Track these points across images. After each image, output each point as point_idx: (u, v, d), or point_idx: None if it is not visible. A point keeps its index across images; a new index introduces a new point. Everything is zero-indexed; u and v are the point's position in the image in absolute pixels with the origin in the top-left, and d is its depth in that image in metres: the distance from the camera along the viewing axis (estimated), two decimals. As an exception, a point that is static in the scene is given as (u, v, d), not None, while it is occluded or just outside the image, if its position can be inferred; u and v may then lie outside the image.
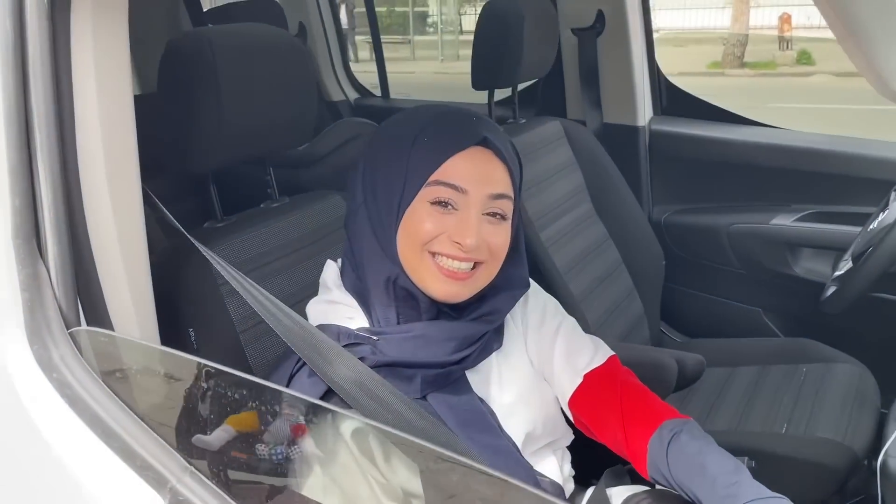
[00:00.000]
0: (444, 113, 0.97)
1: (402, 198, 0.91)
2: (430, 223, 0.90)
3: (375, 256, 0.94)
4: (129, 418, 0.68)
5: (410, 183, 0.91)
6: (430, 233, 0.90)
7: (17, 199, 0.68)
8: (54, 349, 0.69)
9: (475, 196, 0.91)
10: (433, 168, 0.91)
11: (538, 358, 1.06)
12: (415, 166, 0.91)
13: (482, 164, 0.92)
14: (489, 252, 0.93)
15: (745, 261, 2.05)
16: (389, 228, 0.93)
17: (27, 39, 0.67)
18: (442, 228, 0.90)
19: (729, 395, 1.74)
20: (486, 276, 0.95)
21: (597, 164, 1.98)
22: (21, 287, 0.69)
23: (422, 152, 0.91)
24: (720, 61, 12.22)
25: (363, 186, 0.96)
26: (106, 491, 0.67)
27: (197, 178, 1.18)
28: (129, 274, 0.78)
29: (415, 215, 0.91)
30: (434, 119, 0.95)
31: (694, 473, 0.89)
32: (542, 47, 1.82)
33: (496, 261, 0.95)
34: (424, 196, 0.91)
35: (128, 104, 0.77)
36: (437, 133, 0.93)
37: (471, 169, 0.91)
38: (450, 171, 0.90)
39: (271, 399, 0.69)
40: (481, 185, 0.91)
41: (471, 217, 0.90)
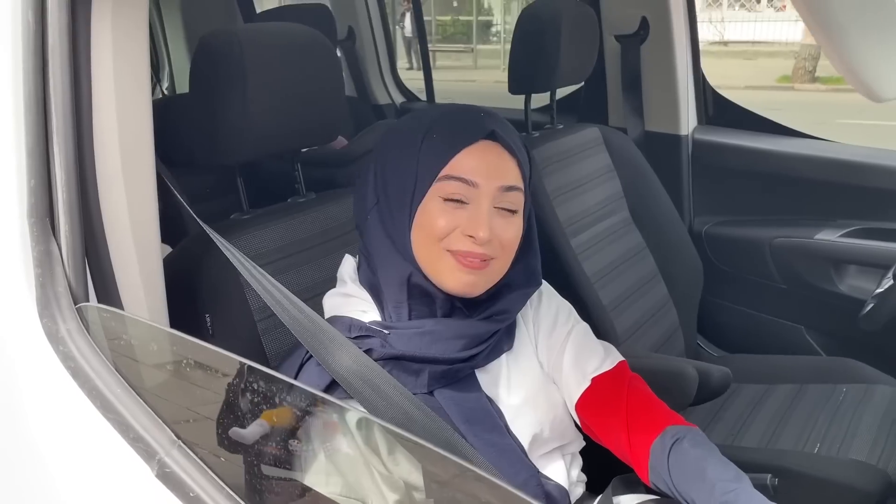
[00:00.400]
0: (451, 110, 0.98)
1: (414, 196, 0.93)
2: (443, 219, 0.91)
3: (390, 256, 0.96)
4: (126, 393, 0.70)
5: (421, 180, 0.92)
6: (444, 228, 0.91)
7: (33, 179, 0.72)
8: (62, 323, 0.73)
9: (486, 189, 0.92)
10: (443, 163, 0.92)
11: (548, 361, 1.05)
12: (425, 163, 0.92)
13: (491, 158, 0.93)
14: (500, 247, 0.94)
15: (788, 276, 1.99)
16: (403, 227, 0.94)
17: (48, 26, 0.71)
18: (455, 223, 0.91)
19: (762, 412, 1.69)
20: (499, 269, 0.96)
21: (636, 172, 1.96)
22: (34, 263, 0.73)
23: (431, 149, 0.93)
24: (790, 75, 11.89)
25: (375, 188, 0.97)
26: (100, 458, 0.70)
27: (228, 172, 1.23)
28: (140, 256, 0.81)
29: (427, 212, 0.92)
30: (441, 117, 0.97)
31: (693, 479, 0.87)
32: (581, 53, 1.81)
33: (508, 254, 0.96)
34: (436, 192, 0.92)
35: (144, 90, 0.80)
36: (444, 129, 0.94)
37: (480, 162, 0.92)
38: (459, 166, 0.91)
39: (272, 386, 0.70)
40: (491, 178, 0.92)
41: (482, 210, 0.91)
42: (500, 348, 1.01)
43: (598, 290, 1.74)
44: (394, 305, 0.97)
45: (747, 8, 15.61)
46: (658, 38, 2.06)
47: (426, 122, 0.95)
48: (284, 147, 1.22)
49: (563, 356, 1.04)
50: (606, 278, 1.80)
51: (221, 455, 0.69)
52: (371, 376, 0.88)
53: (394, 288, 0.96)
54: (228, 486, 0.66)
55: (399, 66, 3.20)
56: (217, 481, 0.66)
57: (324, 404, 0.70)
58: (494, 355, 1.01)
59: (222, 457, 0.69)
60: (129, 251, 0.80)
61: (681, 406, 1.39)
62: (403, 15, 12.05)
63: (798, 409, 1.68)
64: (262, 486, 0.70)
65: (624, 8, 2.10)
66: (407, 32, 11.86)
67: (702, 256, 2.01)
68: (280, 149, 1.21)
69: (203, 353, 0.71)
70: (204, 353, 0.71)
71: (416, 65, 11.09)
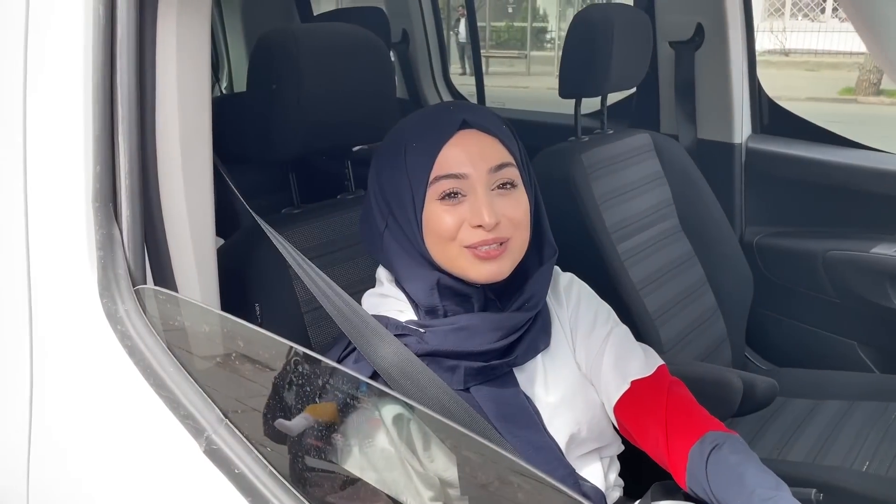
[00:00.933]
0: (422, 115, 1.01)
1: (415, 206, 0.95)
2: (448, 217, 0.93)
3: (414, 269, 0.98)
4: (178, 371, 0.73)
5: (416, 188, 0.95)
6: (451, 225, 0.93)
7: (99, 165, 0.76)
8: (120, 304, 0.76)
9: (476, 176, 0.93)
10: (429, 167, 0.94)
11: (586, 362, 1.06)
12: (413, 172, 0.95)
13: (471, 145, 0.95)
14: (512, 225, 0.95)
15: (841, 290, 1.94)
16: (417, 238, 0.97)
17: (117, 21, 0.74)
18: (460, 218, 0.93)
19: (810, 427, 1.65)
20: (518, 247, 0.97)
21: (686, 180, 1.94)
22: (97, 246, 0.77)
23: (414, 157, 0.95)
24: (854, 87, 11.56)
25: (380, 212, 1.00)
26: (151, 433, 0.73)
27: (281, 169, 1.26)
28: (195, 242, 0.84)
29: (432, 216, 0.95)
30: (415, 124, 1.00)
31: (731, 485, 0.87)
32: (633, 59, 1.80)
33: (523, 231, 0.97)
34: (432, 195, 0.94)
35: (205, 85, 0.83)
36: (420, 134, 0.96)
37: (462, 153, 0.94)
38: (444, 163, 0.94)
39: (318, 373, 0.73)
40: (477, 164, 0.94)
41: (480, 196, 0.93)
42: (537, 346, 1.02)
43: (644, 297, 1.73)
44: (427, 311, 0.99)
45: (810, 18, 15.23)
46: (713, 45, 2.04)
47: (403, 135, 0.98)
48: (335, 144, 1.25)
49: (603, 358, 1.04)
50: (653, 285, 1.79)
51: (266, 434, 0.71)
52: (410, 370, 0.90)
53: (425, 295, 0.98)
54: (272, 464, 0.68)
55: (452, 70, 3.23)
56: (261, 459, 0.68)
57: (367, 392, 0.72)
58: (532, 353, 1.01)
59: (267, 436, 0.71)
60: (184, 237, 0.83)
61: (724, 416, 1.37)
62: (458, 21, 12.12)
63: (847, 425, 1.63)
64: (303, 468, 0.72)
65: (679, 14, 2.08)
66: (461, 38, 11.92)
67: (752, 267, 1.98)
68: (331, 146, 1.24)
69: (252, 336, 0.74)
70: (253, 336, 0.74)
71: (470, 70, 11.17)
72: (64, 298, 0.80)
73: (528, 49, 15.61)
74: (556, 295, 1.08)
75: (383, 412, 0.77)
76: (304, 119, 1.13)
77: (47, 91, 0.79)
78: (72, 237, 0.78)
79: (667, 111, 2.20)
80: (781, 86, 8.69)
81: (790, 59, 13.97)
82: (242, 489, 0.67)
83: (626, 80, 1.84)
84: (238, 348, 0.77)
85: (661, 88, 2.19)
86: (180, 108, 0.81)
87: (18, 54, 0.81)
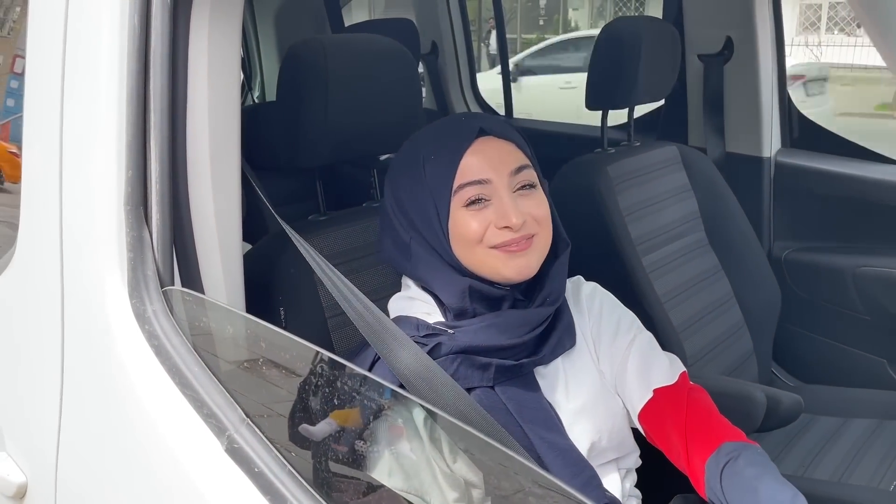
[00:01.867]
0: (435, 129, 1.03)
1: (440, 216, 0.97)
2: (474, 222, 0.95)
3: (445, 277, 1.00)
4: (203, 371, 0.75)
5: (439, 201, 0.97)
6: (478, 230, 0.95)
7: (131, 170, 0.78)
8: (149, 304, 0.79)
9: (498, 180, 0.96)
10: (451, 177, 0.96)
11: (611, 370, 1.06)
12: (435, 185, 0.97)
13: (490, 151, 0.97)
14: (536, 223, 0.97)
15: (872, 306, 1.91)
16: (445, 247, 0.98)
17: (151, 32, 0.77)
18: (486, 222, 0.95)
19: (837, 445, 1.63)
20: (544, 243, 1.00)
21: (714, 193, 1.93)
22: (127, 248, 0.79)
23: (434, 170, 0.97)
24: (890, 103, 11.36)
25: (402, 226, 1.01)
26: (175, 430, 0.75)
27: (309, 177, 1.28)
28: (222, 245, 0.86)
29: (458, 224, 0.96)
30: (430, 138, 1.02)
31: (747, 497, 0.86)
32: (661, 71, 1.80)
33: (546, 228, 1.00)
34: (457, 203, 0.96)
35: (234, 94, 0.86)
36: (438, 146, 0.99)
37: (483, 159, 0.96)
38: (466, 171, 0.96)
39: (341, 377, 0.74)
40: (498, 168, 0.96)
41: (504, 199, 0.95)
42: (563, 344, 1.03)
43: (669, 309, 1.72)
44: (456, 313, 1.00)
45: (846, 32, 15.02)
46: (743, 59, 2.03)
47: (419, 150, 1.00)
48: (361, 152, 1.27)
49: (627, 365, 1.04)
50: (678, 299, 1.78)
51: (287, 436, 0.73)
52: (429, 375, 0.91)
53: (456, 300, 0.99)
54: (292, 464, 0.69)
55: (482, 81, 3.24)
56: (281, 459, 0.69)
57: (393, 399, 0.73)
58: (559, 350, 1.02)
59: (288, 438, 0.72)
60: (212, 241, 0.85)
61: (748, 431, 1.35)
62: (489, 33, 12.16)
63: (876, 445, 1.61)
64: (323, 469, 0.74)
65: (708, 27, 2.08)
66: (492, 50, 11.96)
67: (780, 282, 1.95)
68: (357, 154, 1.27)
69: (276, 338, 0.76)
70: (277, 338, 0.76)
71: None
72: (94, 298, 0.83)
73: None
74: (578, 304, 1.09)
75: (413, 412, 0.78)
76: (332, 128, 1.16)
77: (83, 98, 0.82)
78: (103, 239, 0.81)
79: (695, 124, 2.19)
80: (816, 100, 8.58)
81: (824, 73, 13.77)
82: (262, 488, 0.68)
83: (653, 93, 1.84)
84: (262, 350, 0.78)
85: (690, 101, 2.18)
86: (210, 116, 0.83)
87: (56, 63, 0.84)
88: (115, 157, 0.79)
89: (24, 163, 0.92)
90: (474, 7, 11.17)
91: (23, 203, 0.93)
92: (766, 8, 2.02)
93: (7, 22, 1.20)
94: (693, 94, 2.17)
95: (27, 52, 0.90)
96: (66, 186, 0.85)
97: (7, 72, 1.13)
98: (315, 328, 1.14)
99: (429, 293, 1.03)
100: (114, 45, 0.78)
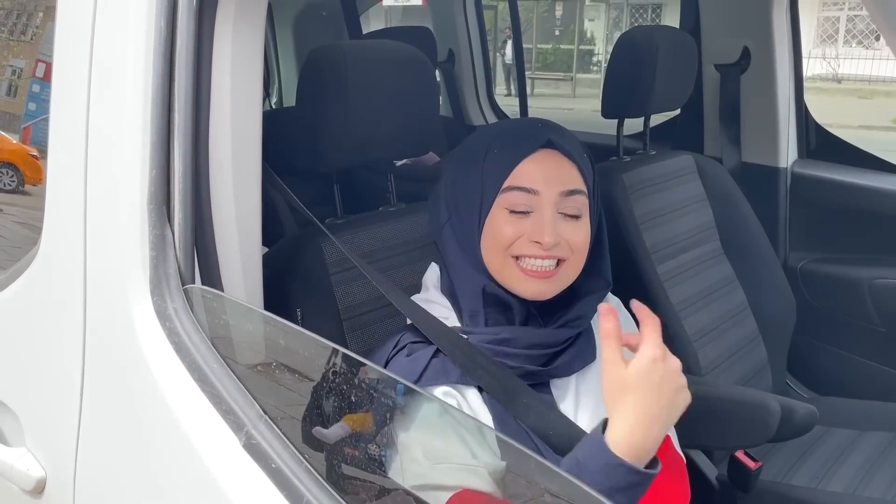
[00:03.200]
0: (510, 124, 1.04)
1: (482, 208, 0.97)
2: (510, 227, 0.95)
3: (464, 268, 1.00)
4: (222, 368, 0.76)
5: (487, 193, 0.97)
6: (510, 237, 0.95)
7: (155, 169, 0.80)
8: (170, 302, 0.80)
9: (547, 196, 0.95)
10: (505, 175, 0.96)
11: None
12: (488, 177, 0.97)
13: (550, 165, 0.96)
14: (569, 249, 0.96)
15: (888, 318, 1.90)
16: (474, 239, 0.99)
17: (177, 34, 0.79)
18: (520, 231, 0.95)
19: (851, 458, 1.62)
20: (571, 272, 0.98)
21: (729, 203, 1.92)
22: (149, 246, 0.81)
23: (493, 163, 0.97)
24: (909, 116, 11.30)
25: (446, 204, 1.02)
26: (194, 426, 0.76)
27: (326, 182, 1.30)
28: (242, 244, 0.87)
29: (494, 223, 0.96)
30: (501, 131, 1.02)
31: None
32: (677, 80, 1.81)
33: (579, 257, 0.98)
34: (501, 203, 0.96)
35: (257, 96, 0.87)
36: (504, 143, 0.98)
37: (539, 171, 0.96)
38: (520, 176, 0.96)
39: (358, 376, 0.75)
40: (551, 184, 0.95)
41: (545, 216, 0.95)
42: (585, 357, 1.02)
43: (683, 319, 1.71)
44: (470, 314, 1.00)
45: (864, 45, 14.96)
46: (760, 69, 2.03)
47: (488, 139, 1.00)
48: (378, 157, 1.28)
49: None
50: (692, 308, 1.77)
51: (304, 433, 0.73)
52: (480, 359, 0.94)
53: (469, 297, 1.00)
54: (308, 461, 0.70)
55: (498, 91, 3.26)
56: (297, 455, 0.70)
57: (410, 395, 0.74)
58: (579, 363, 1.01)
59: (305, 434, 0.73)
60: (232, 240, 0.87)
61: (762, 441, 1.35)
62: (505, 42, 12.21)
63: (891, 458, 1.60)
64: (340, 466, 0.75)
65: (725, 37, 2.08)
66: (508, 59, 11.99)
67: (796, 293, 1.94)
68: (374, 158, 1.28)
69: (294, 336, 0.77)
70: (295, 336, 0.77)
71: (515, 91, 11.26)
72: (117, 294, 0.84)
73: (574, 71, 15.61)
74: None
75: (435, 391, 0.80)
76: (351, 132, 1.17)
77: (109, 98, 0.84)
78: (126, 236, 0.82)
79: (711, 133, 2.19)
80: (834, 113, 8.53)
81: (842, 86, 13.72)
82: (279, 484, 0.69)
83: (669, 102, 1.84)
84: (280, 348, 0.79)
85: (706, 111, 2.18)
86: (233, 118, 0.84)
87: (84, 64, 0.86)
88: (139, 156, 0.80)
89: (50, 161, 0.94)
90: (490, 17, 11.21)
91: (47, 201, 0.95)
92: (784, 18, 2.02)
93: (30, 27, 1.22)
94: (709, 104, 2.17)
95: (55, 51, 0.92)
96: (91, 185, 0.87)
97: (30, 76, 1.15)
98: (331, 329, 1.15)
99: (447, 297, 1.04)
100: (140, 45, 0.79)
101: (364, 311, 1.19)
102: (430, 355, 0.94)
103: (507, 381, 0.93)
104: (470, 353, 0.94)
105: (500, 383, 0.93)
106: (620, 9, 16.81)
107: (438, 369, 0.94)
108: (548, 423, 0.95)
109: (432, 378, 0.93)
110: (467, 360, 0.93)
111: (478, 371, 0.93)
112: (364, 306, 1.20)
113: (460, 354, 0.93)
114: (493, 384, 0.93)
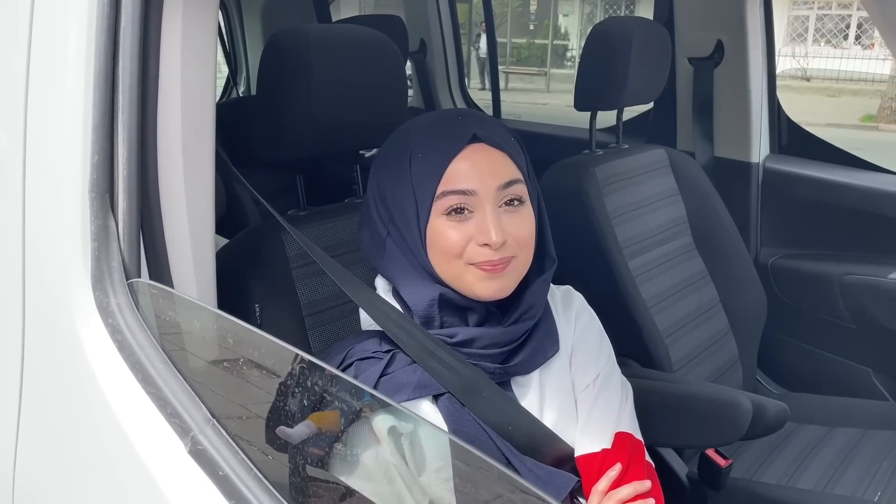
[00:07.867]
0: (429, 121, 0.98)
1: (419, 219, 0.92)
2: (454, 233, 0.90)
3: (415, 281, 0.95)
4: (167, 368, 0.71)
5: (421, 202, 0.92)
6: (458, 242, 0.90)
7: (97, 155, 0.74)
8: (113, 297, 0.75)
9: (484, 193, 0.90)
10: (436, 181, 0.91)
11: (576, 388, 1.03)
12: (419, 185, 0.92)
13: (481, 160, 0.91)
14: (517, 245, 0.92)
15: (858, 315, 1.90)
16: (420, 251, 0.94)
17: (121, 9, 0.73)
18: (466, 234, 0.90)
19: (821, 455, 1.61)
20: (523, 264, 0.95)
21: (701, 198, 1.91)
22: (91, 237, 0.75)
23: (420, 170, 0.92)
24: (875, 115, 11.48)
25: (381, 219, 0.96)
26: (137, 430, 0.71)
27: (290, 173, 1.24)
28: (194, 237, 0.82)
29: (437, 231, 0.91)
30: (421, 131, 0.96)
31: None
32: (651, 73, 1.78)
33: (527, 249, 0.94)
34: (438, 210, 0.91)
35: (209, 80, 0.82)
36: (428, 145, 0.93)
37: (471, 169, 0.90)
38: (452, 179, 0.90)
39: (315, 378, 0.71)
40: (486, 180, 0.90)
41: (487, 215, 0.90)
42: (545, 353, 0.99)
43: (655, 314, 1.69)
44: (423, 320, 0.95)
45: (833, 44, 15.17)
46: (733, 63, 2.02)
47: (409, 142, 0.94)
48: (343, 147, 1.23)
49: (586, 402, 1.02)
50: (663, 304, 1.76)
51: (254, 438, 0.69)
52: (440, 353, 0.91)
53: (423, 307, 0.94)
54: (257, 467, 0.66)
55: (472, 85, 3.22)
56: (247, 462, 0.66)
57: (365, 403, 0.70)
58: (541, 359, 0.98)
59: (255, 440, 0.69)
60: (183, 232, 0.81)
61: (733, 439, 1.34)
62: (479, 36, 12.16)
63: (860, 454, 1.59)
64: (291, 474, 0.70)
65: (699, 30, 2.06)
66: (482, 54, 11.96)
67: (767, 289, 1.94)
68: (340, 148, 1.23)
69: (248, 336, 0.72)
70: (248, 336, 0.72)
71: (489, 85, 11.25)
72: (57, 289, 0.79)
73: (548, 66, 15.63)
74: (568, 313, 1.05)
75: (377, 422, 0.75)
76: (314, 120, 1.12)
77: (49, 78, 0.78)
78: (67, 227, 0.77)
79: (684, 127, 2.18)
80: (803, 111, 8.63)
81: (811, 84, 13.90)
82: (226, 492, 0.64)
83: (642, 95, 1.81)
84: (231, 348, 0.74)
85: (679, 104, 2.16)
86: (183, 102, 0.79)
87: (23, 41, 0.80)
88: (80, 140, 0.75)
89: (-13, 147, 0.88)
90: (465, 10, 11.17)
91: (-16, 189, 0.89)
92: (758, 13, 2.01)
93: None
94: (682, 98, 2.15)
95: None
96: (30, 171, 0.81)
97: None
98: (292, 326, 1.10)
99: (399, 300, 0.99)
100: (82, 21, 0.74)
101: (327, 307, 1.15)
102: (379, 374, 0.90)
103: (467, 375, 0.90)
104: (429, 348, 0.90)
105: (458, 378, 0.90)
106: (595, 4, 16.87)
107: (388, 389, 0.89)
108: (509, 418, 0.92)
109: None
110: (425, 355, 0.90)
111: (436, 366, 0.89)
112: (327, 302, 1.15)
113: (417, 348, 0.90)
114: (451, 379, 0.89)
